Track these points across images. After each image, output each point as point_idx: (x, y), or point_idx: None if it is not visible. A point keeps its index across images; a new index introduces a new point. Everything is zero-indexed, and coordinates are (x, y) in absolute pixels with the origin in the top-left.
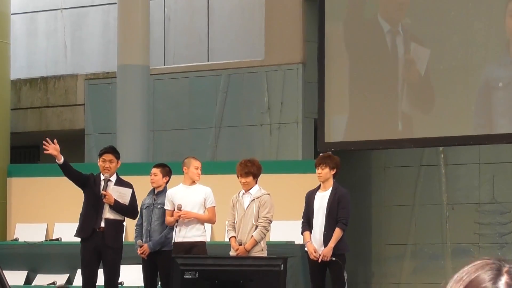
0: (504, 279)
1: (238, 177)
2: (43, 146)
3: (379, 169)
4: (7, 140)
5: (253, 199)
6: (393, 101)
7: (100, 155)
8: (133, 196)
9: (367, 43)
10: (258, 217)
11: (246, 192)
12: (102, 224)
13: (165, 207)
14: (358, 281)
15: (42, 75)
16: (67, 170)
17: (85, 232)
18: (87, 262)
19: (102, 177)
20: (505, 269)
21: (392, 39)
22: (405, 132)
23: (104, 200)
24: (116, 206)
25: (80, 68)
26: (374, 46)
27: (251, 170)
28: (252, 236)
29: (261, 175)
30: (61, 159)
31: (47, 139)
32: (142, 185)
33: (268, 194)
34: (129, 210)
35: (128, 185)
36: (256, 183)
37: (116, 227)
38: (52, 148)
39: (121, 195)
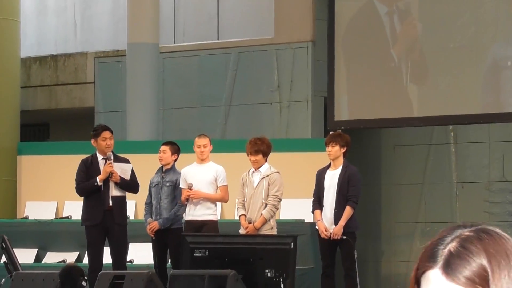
0: (450, 245)
1: (247, 155)
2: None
3: (389, 148)
4: (17, 118)
5: (263, 177)
6: (403, 79)
7: (98, 134)
8: (132, 170)
9: (377, 21)
10: (268, 195)
11: (255, 170)
12: (110, 203)
13: (180, 186)
14: (368, 259)
15: (52, 53)
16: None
17: (95, 219)
18: (95, 243)
19: (99, 156)
20: (459, 233)
21: (402, 17)
22: (415, 111)
23: (111, 178)
24: (122, 183)
25: (90, 46)
26: (384, 24)
27: (261, 148)
28: (261, 214)
29: (271, 153)
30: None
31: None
32: (151, 163)
33: (278, 172)
34: (132, 185)
35: (126, 160)
36: (266, 161)
37: (122, 204)
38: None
39: (124, 171)
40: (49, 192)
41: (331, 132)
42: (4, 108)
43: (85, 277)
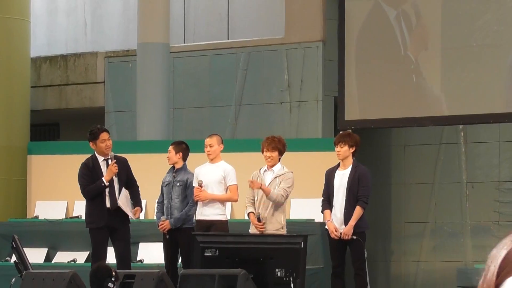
0: None
1: (263, 152)
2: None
3: (399, 147)
4: (27, 118)
5: (276, 177)
6: (413, 79)
7: (96, 136)
8: (130, 171)
9: (387, 21)
10: None
11: (268, 169)
12: (118, 203)
13: (193, 185)
14: (378, 259)
15: (62, 53)
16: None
17: (100, 221)
18: (102, 244)
19: (99, 158)
20: None
21: (413, 17)
22: (425, 110)
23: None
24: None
25: (100, 46)
26: (395, 23)
27: (278, 146)
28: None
29: None
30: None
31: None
32: (162, 163)
33: (291, 172)
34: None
35: (124, 159)
36: (279, 160)
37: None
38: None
39: (126, 201)
40: (59, 191)
41: (340, 132)
42: (14, 107)
43: (113, 278)
